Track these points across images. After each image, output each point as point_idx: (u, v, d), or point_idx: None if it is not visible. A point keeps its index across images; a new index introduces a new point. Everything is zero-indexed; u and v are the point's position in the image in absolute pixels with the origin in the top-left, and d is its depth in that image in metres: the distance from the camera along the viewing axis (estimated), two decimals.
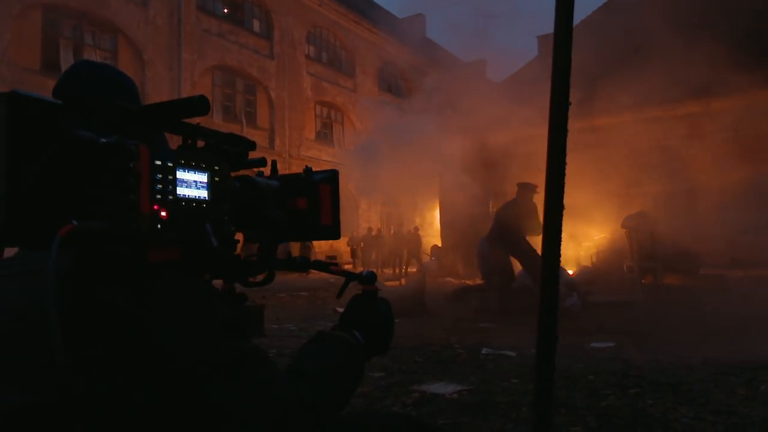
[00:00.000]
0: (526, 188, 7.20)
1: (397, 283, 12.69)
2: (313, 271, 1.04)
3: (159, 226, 0.71)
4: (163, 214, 0.71)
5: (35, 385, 0.66)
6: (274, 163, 1.03)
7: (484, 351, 4.39)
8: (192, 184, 0.77)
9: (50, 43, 14.45)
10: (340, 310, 1.03)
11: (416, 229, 18.30)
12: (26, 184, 0.65)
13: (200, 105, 0.79)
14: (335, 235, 1.02)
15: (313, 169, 1.05)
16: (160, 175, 0.72)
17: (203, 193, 0.78)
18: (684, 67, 11.82)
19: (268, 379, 0.74)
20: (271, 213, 0.94)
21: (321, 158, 21.54)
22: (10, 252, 0.81)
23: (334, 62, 24.18)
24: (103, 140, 0.69)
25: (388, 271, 17.63)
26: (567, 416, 2.66)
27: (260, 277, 0.98)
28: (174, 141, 0.91)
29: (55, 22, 14.56)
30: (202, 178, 0.79)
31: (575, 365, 3.73)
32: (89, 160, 0.69)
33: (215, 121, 17.42)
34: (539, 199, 1.88)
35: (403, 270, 16.87)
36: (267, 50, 20.61)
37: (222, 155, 0.87)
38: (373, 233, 19.55)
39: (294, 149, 20.30)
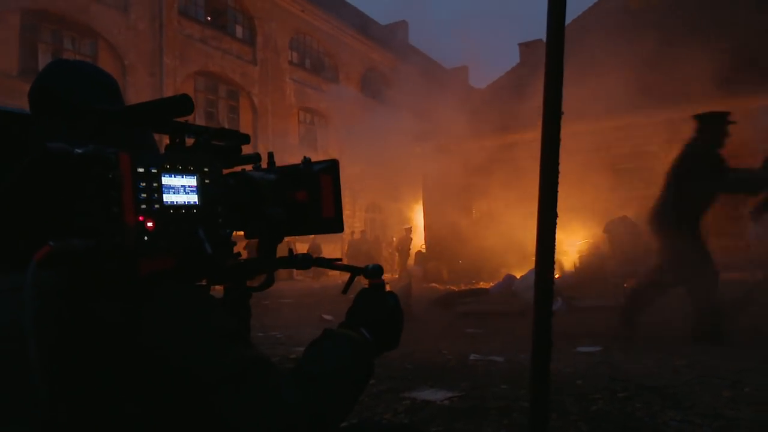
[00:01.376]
0: (718, 121, 4.70)
1: None
2: (297, 277, 0.99)
3: (146, 237, 0.67)
4: (150, 224, 0.68)
5: (21, 416, 0.62)
6: (270, 155, 0.99)
7: (472, 357, 4.40)
8: (180, 189, 0.73)
9: (29, 48, 14.21)
10: (327, 317, 1.01)
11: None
12: None
13: (183, 104, 0.75)
14: (338, 227, 0.98)
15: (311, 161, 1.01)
16: (144, 184, 0.68)
17: (193, 198, 0.75)
18: (663, 74, 12.06)
19: (274, 387, 0.71)
20: (269, 209, 0.90)
21: None
22: None
23: (317, 68, 24.17)
24: (78, 151, 0.65)
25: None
26: (558, 421, 2.68)
27: (258, 281, 0.95)
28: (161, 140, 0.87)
29: (33, 27, 14.33)
30: (191, 181, 0.75)
31: (563, 370, 3.75)
32: (65, 172, 0.65)
33: None
34: (532, 208, 1.88)
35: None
36: (250, 56, 20.53)
37: (212, 153, 0.84)
38: (370, 238, 19.29)
39: (277, 155, 20.16)
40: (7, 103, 0.67)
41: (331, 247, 21.33)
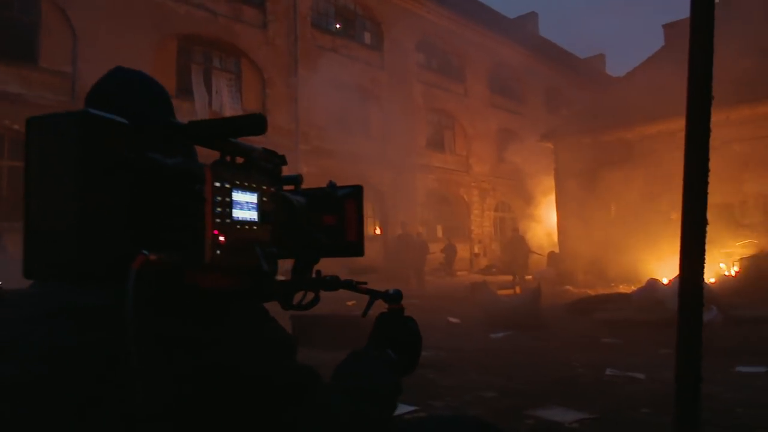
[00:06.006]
0: None
1: (510, 291, 12.22)
2: (426, 277, 0.95)
3: (218, 251, 0.66)
4: (222, 239, 0.67)
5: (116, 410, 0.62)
6: (299, 177, 0.99)
7: (608, 371, 4.02)
8: (245, 206, 0.73)
9: (183, 69, 15.86)
10: (453, 320, 0.96)
11: None
12: (98, 212, 0.61)
13: (260, 123, 0.73)
14: (359, 251, 0.99)
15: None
16: (219, 198, 0.68)
17: (253, 215, 0.75)
18: None
19: (329, 399, 0.77)
20: (310, 231, 0.92)
21: (432, 164, 21.52)
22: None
23: (444, 68, 24.07)
24: (169, 162, 0.65)
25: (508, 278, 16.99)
26: None
27: (303, 299, 0.96)
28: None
29: (187, 50, 15.99)
30: (253, 198, 0.75)
31: (720, 394, 3.27)
32: (157, 183, 0.65)
33: None
34: (677, 204, 1.64)
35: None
36: (378, 61, 21.03)
37: (263, 173, 0.82)
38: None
39: (406, 157, 20.45)
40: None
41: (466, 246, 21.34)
